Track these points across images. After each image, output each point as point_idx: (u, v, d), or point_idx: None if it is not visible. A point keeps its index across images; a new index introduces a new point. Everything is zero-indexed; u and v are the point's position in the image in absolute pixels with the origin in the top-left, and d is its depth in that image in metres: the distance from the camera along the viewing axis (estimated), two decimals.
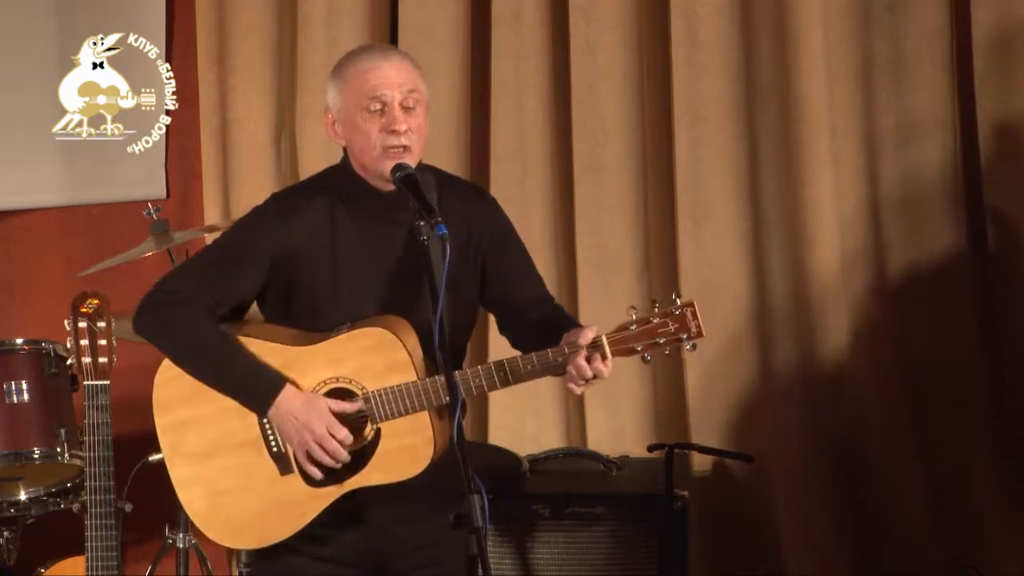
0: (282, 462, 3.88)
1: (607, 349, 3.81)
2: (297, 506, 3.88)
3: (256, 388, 3.84)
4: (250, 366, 3.84)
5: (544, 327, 3.93)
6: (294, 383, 3.84)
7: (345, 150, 3.94)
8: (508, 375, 3.83)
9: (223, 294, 3.87)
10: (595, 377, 3.82)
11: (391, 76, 3.83)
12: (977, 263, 5.79)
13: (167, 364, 3.91)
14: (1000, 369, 5.79)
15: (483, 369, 3.82)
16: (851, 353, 5.77)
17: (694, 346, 3.86)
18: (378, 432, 3.86)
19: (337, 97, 3.88)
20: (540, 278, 4.09)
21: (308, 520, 3.88)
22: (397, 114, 3.83)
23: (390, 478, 3.85)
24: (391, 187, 3.85)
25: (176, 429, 3.91)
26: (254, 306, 4.00)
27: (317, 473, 3.84)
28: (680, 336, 3.83)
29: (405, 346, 3.82)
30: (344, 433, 3.82)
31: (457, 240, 3.83)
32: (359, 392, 3.85)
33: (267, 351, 3.86)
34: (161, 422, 3.92)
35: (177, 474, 3.92)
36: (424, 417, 3.83)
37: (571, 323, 3.94)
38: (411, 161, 3.85)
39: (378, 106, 3.83)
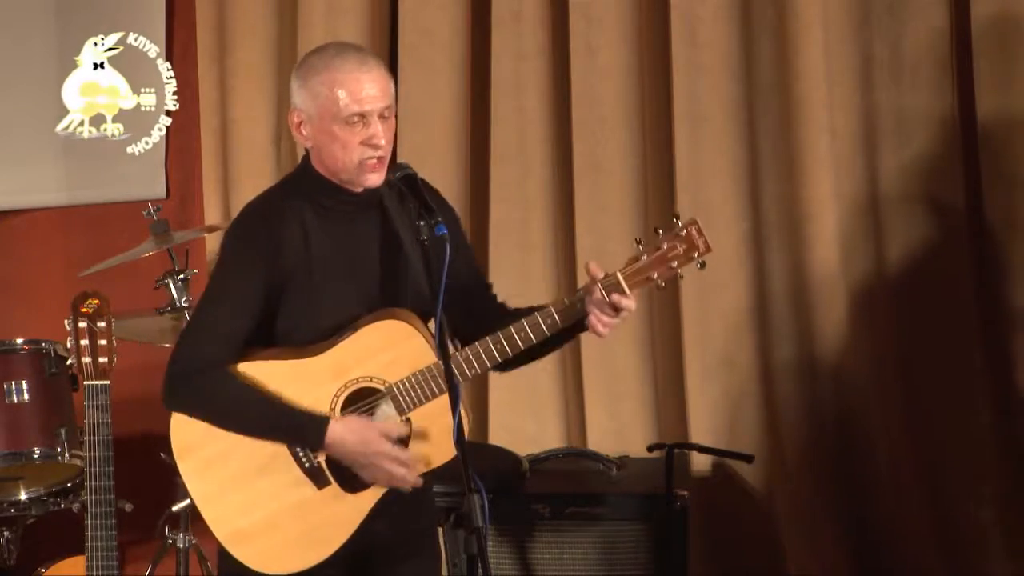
0: (317, 476, 3.87)
1: (624, 285, 3.81)
2: (342, 515, 3.86)
3: (304, 431, 3.82)
4: (291, 414, 3.82)
5: (503, 309, 3.95)
6: (331, 413, 3.83)
7: (307, 151, 3.91)
8: (529, 333, 3.81)
9: (235, 342, 3.84)
10: (621, 311, 3.81)
11: (370, 90, 3.80)
12: (977, 263, 5.79)
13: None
14: (1000, 369, 5.79)
15: (502, 332, 3.82)
16: (851, 353, 5.77)
17: (703, 264, 3.86)
18: (408, 423, 3.85)
19: (309, 101, 3.83)
20: (480, 268, 4.10)
21: (358, 525, 3.86)
22: (377, 129, 3.81)
23: (435, 462, 3.85)
24: (360, 188, 3.85)
25: (203, 469, 3.87)
26: None
27: (417, 481, 3.83)
28: (691, 255, 3.84)
29: (419, 331, 3.82)
30: (404, 455, 3.82)
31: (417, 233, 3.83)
32: (382, 387, 3.84)
33: (279, 370, 3.84)
34: (186, 466, 3.88)
35: (212, 514, 3.87)
36: (445, 399, 3.80)
37: (531, 308, 3.92)
38: (384, 168, 3.85)
39: (357, 119, 3.81)
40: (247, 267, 3.84)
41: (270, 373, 3.83)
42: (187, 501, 3.97)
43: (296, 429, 3.82)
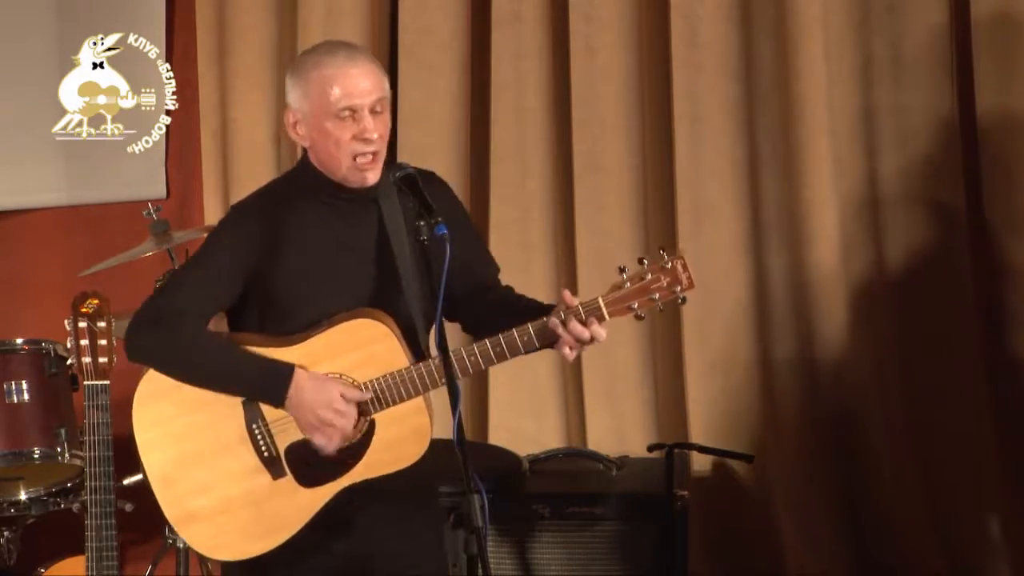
0: (274, 466, 3.88)
1: (605, 311, 3.82)
2: (295, 508, 3.87)
3: (268, 381, 3.82)
4: (256, 363, 3.83)
5: (507, 306, 3.95)
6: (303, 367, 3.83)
7: (305, 149, 3.92)
8: (504, 349, 3.82)
9: (208, 306, 3.86)
10: (592, 340, 3.82)
11: (360, 83, 3.82)
12: (977, 263, 5.79)
13: (146, 382, 3.89)
14: (1000, 369, 5.79)
15: (478, 346, 3.82)
16: (851, 353, 5.77)
17: (684, 299, 3.88)
18: (371, 425, 3.85)
19: (302, 100, 3.85)
20: (494, 261, 4.09)
21: (308, 519, 3.87)
22: (368, 123, 3.82)
23: (389, 467, 3.85)
24: (356, 185, 3.86)
25: (160, 448, 3.89)
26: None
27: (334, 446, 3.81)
28: (673, 289, 3.86)
29: (393, 334, 3.82)
30: (352, 414, 3.81)
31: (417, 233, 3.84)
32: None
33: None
34: (143, 440, 3.91)
35: (172, 513, 3.89)
36: (418, 400, 3.83)
37: (534, 301, 3.95)
38: (379, 165, 3.86)
39: (348, 113, 3.82)
40: (231, 246, 3.86)
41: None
42: (139, 476, 3.97)
43: (261, 374, 3.81)
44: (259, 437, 3.86)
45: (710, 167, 5.84)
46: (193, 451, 3.88)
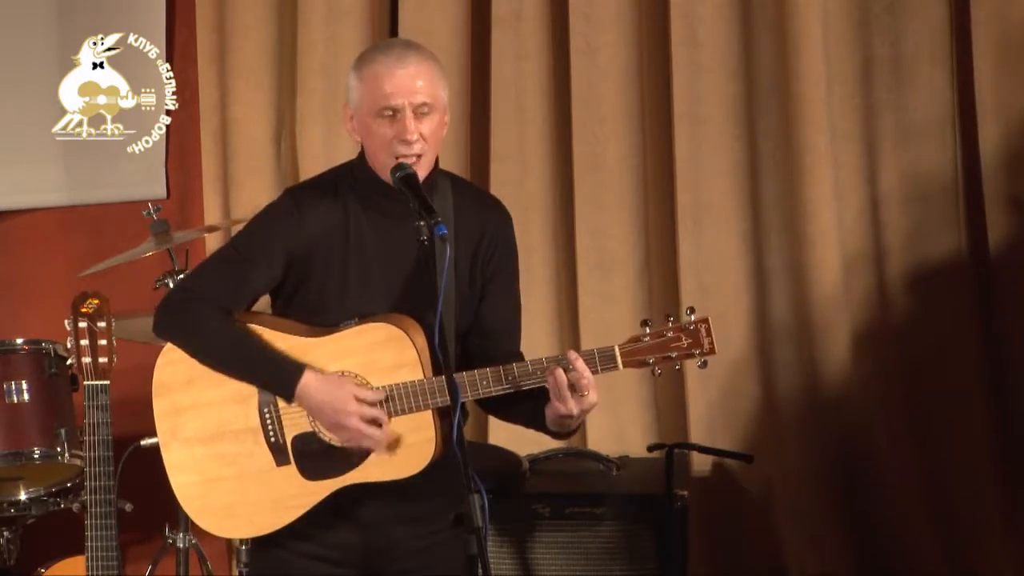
0: (279, 453, 3.88)
1: (619, 360, 3.81)
2: (291, 499, 3.87)
3: (278, 376, 3.83)
4: (269, 356, 3.83)
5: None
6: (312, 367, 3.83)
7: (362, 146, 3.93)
8: (516, 378, 3.81)
9: (240, 292, 3.87)
10: (584, 399, 3.78)
11: (405, 83, 3.80)
12: (977, 263, 5.79)
13: (170, 347, 3.91)
14: (1000, 370, 5.79)
15: (491, 372, 3.82)
16: (851, 353, 5.77)
17: (705, 363, 3.86)
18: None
19: (354, 93, 3.85)
20: (519, 324, 4.02)
21: (300, 514, 3.87)
22: (408, 123, 3.80)
23: (388, 475, 3.85)
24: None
25: (174, 413, 3.91)
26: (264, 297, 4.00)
27: (381, 440, 3.80)
28: (692, 351, 3.83)
29: (414, 344, 3.82)
30: (375, 411, 3.81)
31: (471, 244, 3.87)
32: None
33: (275, 341, 3.86)
34: (159, 405, 3.92)
35: (171, 458, 3.91)
36: (427, 416, 3.83)
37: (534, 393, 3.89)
38: (423, 168, 3.83)
39: (390, 112, 3.81)
40: (273, 230, 3.87)
41: (268, 339, 3.86)
42: (155, 439, 3.98)
43: (271, 370, 3.83)
44: (269, 422, 3.87)
45: (710, 167, 5.84)
46: (205, 425, 3.89)
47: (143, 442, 5.10)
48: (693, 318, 3.84)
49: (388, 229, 3.87)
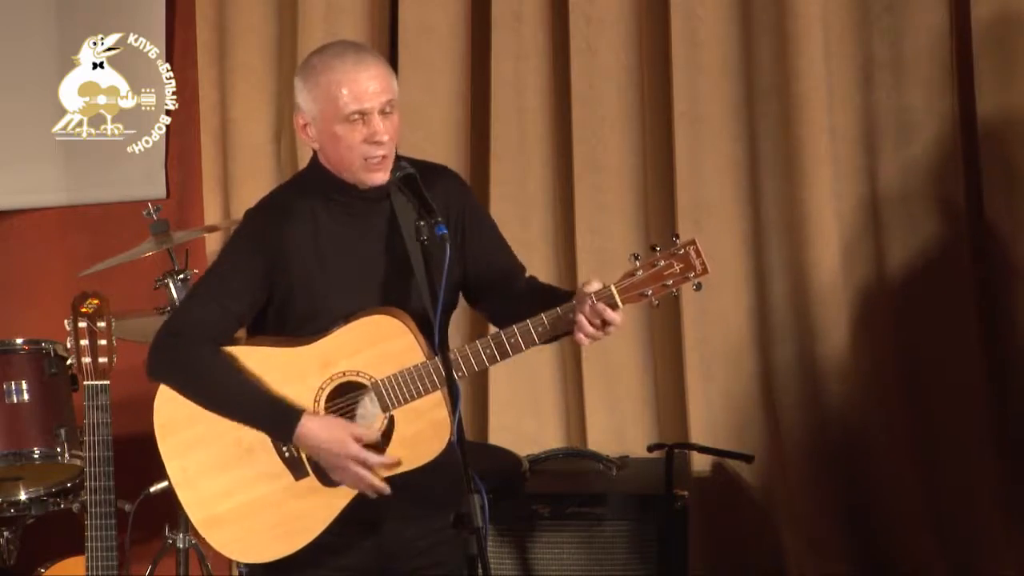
0: (295, 467, 3.87)
1: (618, 298, 3.80)
2: (318, 508, 3.87)
3: (276, 421, 3.83)
4: (266, 399, 3.84)
5: (533, 294, 3.94)
6: (309, 410, 3.83)
7: (315, 151, 3.93)
8: (519, 340, 3.80)
9: (226, 321, 3.87)
10: (606, 324, 3.79)
11: (369, 87, 3.81)
12: (977, 263, 5.79)
13: (164, 387, 3.90)
14: (1000, 369, 5.79)
15: (492, 337, 3.82)
16: (851, 352, 5.77)
17: (699, 285, 3.86)
18: (391, 420, 3.85)
19: (311, 103, 3.85)
20: (517, 260, 4.08)
21: (331, 520, 3.87)
22: (378, 126, 3.82)
23: (414, 463, 3.84)
24: (367, 185, 3.87)
25: (183, 452, 3.89)
26: None
27: (383, 488, 3.82)
28: (687, 275, 3.85)
29: (410, 330, 3.82)
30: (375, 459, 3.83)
31: (445, 219, 3.85)
32: (367, 382, 3.84)
33: (269, 356, 3.86)
34: (166, 447, 3.91)
35: (188, 497, 3.90)
36: (437, 396, 3.82)
37: (559, 289, 3.95)
38: (389, 165, 3.87)
39: (358, 117, 3.82)
40: (247, 252, 3.88)
41: (259, 359, 3.86)
42: (165, 483, 3.97)
43: (269, 418, 3.84)
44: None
45: (710, 167, 5.84)
46: (216, 455, 3.88)
47: (152, 489, 5.13)
48: (680, 242, 3.83)
49: (356, 227, 3.90)
